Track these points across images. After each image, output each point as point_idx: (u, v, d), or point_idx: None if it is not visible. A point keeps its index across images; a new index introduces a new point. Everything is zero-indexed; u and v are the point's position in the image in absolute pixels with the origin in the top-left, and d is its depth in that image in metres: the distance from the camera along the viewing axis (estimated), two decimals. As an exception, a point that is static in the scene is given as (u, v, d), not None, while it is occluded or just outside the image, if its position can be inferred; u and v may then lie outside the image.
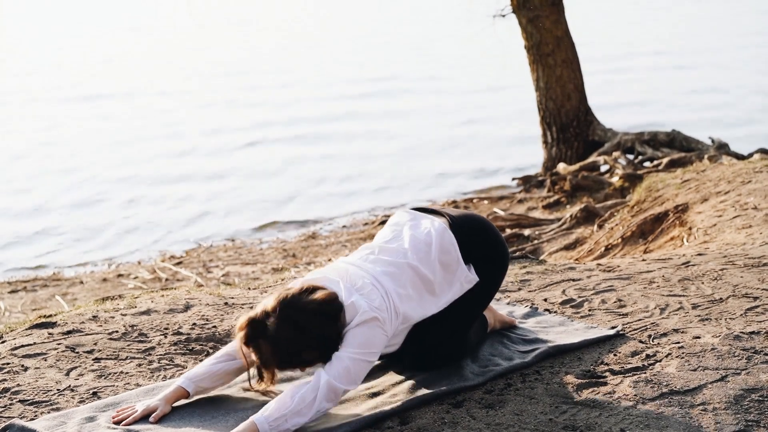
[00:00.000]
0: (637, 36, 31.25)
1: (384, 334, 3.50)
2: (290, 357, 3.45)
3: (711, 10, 38.92)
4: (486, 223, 3.98)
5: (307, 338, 3.41)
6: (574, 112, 13.31)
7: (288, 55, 30.33)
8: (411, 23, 38.92)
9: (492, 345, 4.12)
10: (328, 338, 3.44)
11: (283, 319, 3.39)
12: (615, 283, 5.04)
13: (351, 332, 3.44)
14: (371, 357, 3.47)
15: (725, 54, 26.39)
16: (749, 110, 18.59)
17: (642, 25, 34.59)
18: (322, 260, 10.70)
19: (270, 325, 3.40)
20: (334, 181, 14.86)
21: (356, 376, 3.45)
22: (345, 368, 3.40)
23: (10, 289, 10.38)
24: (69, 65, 29.46)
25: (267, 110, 21.10)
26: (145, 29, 39.60)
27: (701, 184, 8.57)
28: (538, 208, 12.02)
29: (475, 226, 3.89)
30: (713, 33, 31.58)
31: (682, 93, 20.93)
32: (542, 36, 13.10)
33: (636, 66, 24.91)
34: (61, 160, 16.96)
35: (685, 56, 26.34)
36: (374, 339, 3.46)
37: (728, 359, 3.85)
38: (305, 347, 3.42)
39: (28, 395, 3.88)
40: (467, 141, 17.15)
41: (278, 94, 23.32)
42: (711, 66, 24.49)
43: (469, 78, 24.34)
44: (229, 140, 17.83)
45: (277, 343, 3.40)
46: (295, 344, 3.41)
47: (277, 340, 3.40)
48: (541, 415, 3.47)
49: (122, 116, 20.77)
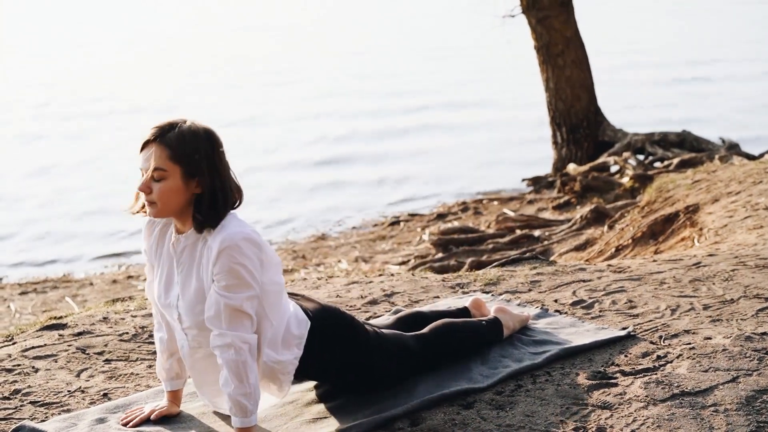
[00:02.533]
0: (646, 36, 31.19)
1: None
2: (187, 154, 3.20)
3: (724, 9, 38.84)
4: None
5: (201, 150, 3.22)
6: (583, 112, 13.29)
7: (291, 58, 30.34)
8: (415, 25, 38.89)
9: (502, 347, 4.11)
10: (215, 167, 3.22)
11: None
12: (626, 284, 5.03)
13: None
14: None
15: (736, 54, 26.31)
16: (760, 110, 18.53)
17: (652, 24, 34.52)
18: (331, 261, 10.70)
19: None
20: (346, 181, 14.86)
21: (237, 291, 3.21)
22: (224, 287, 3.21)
23: (21, 290, 10.41)
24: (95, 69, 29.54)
25: (270, 109, 21.11)
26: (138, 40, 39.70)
27: (712, 184, 8.54)
28: (548, 208, 12.00)
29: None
30: (726, 32, 31.50)
31: (693, 94, 20.87)
32: (552, 36, 13.09)
33: (647, 66, 24.87)
34: (69, 162, 17.01)
35: (694, 56, 26.28)
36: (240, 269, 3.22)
37: (740, 360, 3.84)
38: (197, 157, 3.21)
39: (38, 397, 3.89)
40: (477, 142, 17.13)
41: (280, 94, 23.35)
42: (722, 66, 24.42)
43: (476, 77, 24.32)
44: (236, 143, 17.86)
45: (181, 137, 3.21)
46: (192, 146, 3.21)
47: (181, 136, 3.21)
48: (552, 417, 3.46)
49: (135, 123, 20.82)
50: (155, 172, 3.20)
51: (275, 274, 3.36)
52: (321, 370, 3.53)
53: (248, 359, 3.24)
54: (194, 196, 3.25)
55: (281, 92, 23.68)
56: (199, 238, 3.30)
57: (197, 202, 3.24)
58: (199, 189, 3.24)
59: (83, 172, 16.24)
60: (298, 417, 3.57)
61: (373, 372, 3.61)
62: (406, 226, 12.06)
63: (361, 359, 3.57)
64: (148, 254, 3.48)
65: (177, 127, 3.23)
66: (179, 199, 3.23)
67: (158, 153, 3.20)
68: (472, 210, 12.44)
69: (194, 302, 3.30)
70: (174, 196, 3.22)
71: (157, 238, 3.45)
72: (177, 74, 27.41)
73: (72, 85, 26.21)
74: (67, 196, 14.74)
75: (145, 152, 3.24)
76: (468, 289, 5.14)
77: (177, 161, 3.20)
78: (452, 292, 5.10)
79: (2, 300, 10.05)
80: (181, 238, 3.35)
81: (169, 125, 3.24)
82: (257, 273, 3.25)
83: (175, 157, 3.19)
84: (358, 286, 5.33)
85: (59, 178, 15.99)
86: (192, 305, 3.31)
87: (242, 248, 3.20)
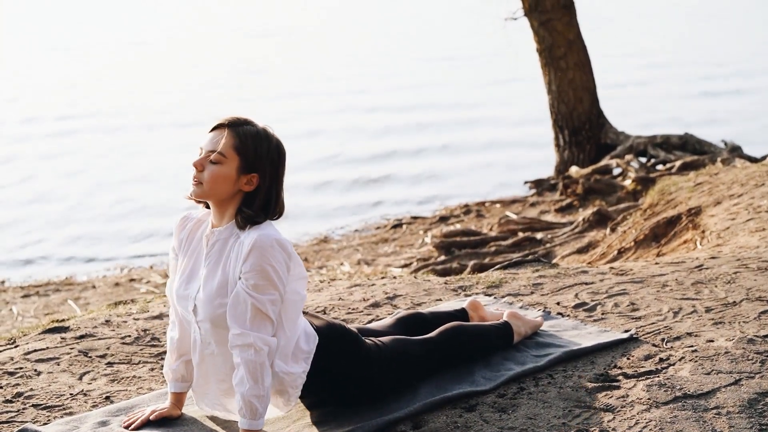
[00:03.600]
0: (651, 38, 31.20)
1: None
2: (252, 155, 3.31)
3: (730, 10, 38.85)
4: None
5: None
6: (586, 115, 13.29)
7: (292, 60, 30.36)
8: (416, 27, 38.91)
9: (504, 349, 4.11)
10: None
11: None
12: (628, 286, 5.02)
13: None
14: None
15: (742, 56, 26.31)
16: (764, 112, 18.53)
17: (657, 25, 34.53)
18: (334, 264, 10.70)
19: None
20: (346, 184, 14.87)
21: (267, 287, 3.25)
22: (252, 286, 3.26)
23: (23, 293, 10.41)
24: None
25: (270, 109, 21.12)
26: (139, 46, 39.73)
27: (714, 187, 8.54)
28: (550, 211, 12.00)
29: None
30: (732, 35, 31.50)
31: (695, 96, 20.87)
32: (554, 39, 13.09)
33: (649, 68, 24.87)
34: (73, 166, 17.03)
35: (699, 59, 26.28)
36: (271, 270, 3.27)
37: (742, 363, 3.84)
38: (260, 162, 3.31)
39: (41, 400, 3.89)
40: (478, 144, 17.13)
41: (286, 94, 23.35)
42: (726, 68, 24.42)
43: (478, 80, 24.33)
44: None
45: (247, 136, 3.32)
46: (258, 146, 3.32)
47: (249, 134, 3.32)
48: (555, 419, 3.46)
49: (135, 128, 20.83)
50: (215, 155, 3.28)
51: (300, 287, 3.40)
52: (325, 384, 3.54)
53: (266, 361, 3.26)
54: (241, 193, 3.33)
55: (280, 94, 23.68)
56: (233, 234, 3.34)
57: (248, 198, 3.32)
58: (250, 187, 3.32)
59: (85, 174, 16.25)
60: (300, 419, 3.57)
61: (374, 384, 3.62)
62: (408, 229, 12.06)
63: (365, 374, 3.58)
64: (176, 249, 3.52)
65: (253, 125, 3.35)
66: (226, 188, 3.30)
67: (227, 139, 3.29)
68: (474, 213, 12.44)
69: (215, 295, 3.32)
70: (222, 183, 3.29)
71: (188, 232, 3.50)
72: (185, 76, 27.43)
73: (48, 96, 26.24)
74: (70, 198, 14.75)
75: (214, 135, 3.33)
76: (470, 291, 5.14)
77: (240, 153, 3.29)
78: (454, 294, 5.10)
79: (4, 303, 10.06)
80: (215, 231, 3.39)
81: (246, 120, 3.35)
82: (284, 278, 3.29)
83: (239, 149, 3.29)
84: (360, 288, 5.33)
85: (62, 179, 16.01)
86: (212, 298, 3.32)
87: (274, 250, 3.25)
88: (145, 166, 16.51)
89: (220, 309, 3.31)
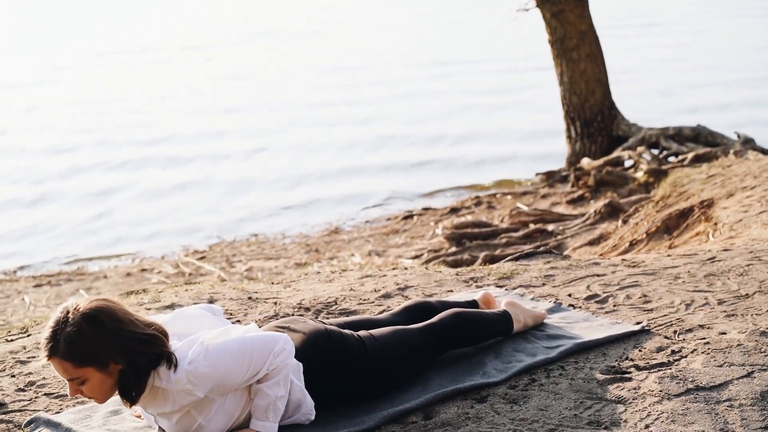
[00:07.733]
0: (661, 27, 31.09)
1: None
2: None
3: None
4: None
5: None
6: (598, 106, 13.26)
7: (295, 60, 30.37)
8: (426, 15, 38.85)
9: (515, 341, 4.10)
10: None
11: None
12: (640, 278, 5.01)
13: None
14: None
15: (753, 47, 26.21)
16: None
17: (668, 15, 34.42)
18: (345, 255, 10.71)
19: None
20: (357, 174, 14.87)
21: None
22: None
23: (35, 283, 10.45)
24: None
25: (272, 110, 21.14)
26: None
27: (727, 179, 8.51)
28: (561, 203, 11.98)
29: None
30: (743, 25, 31.37)
31: (707, 86, 20.79)
32: (566, 30, 13.05)
33: (661, 59, 24.79)
34: (82, 155, 17.08)
35: (711, 50, 26.18)
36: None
37: (754, 355, 3.83)
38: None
39: (53, 388, 3.90)
40: (490, 135, 17.11)
41: (291, 91, 23.37)
42: (738, 59, 24.33)
43: (491, 70, 24.29)
44: (250, 142, 17.86)
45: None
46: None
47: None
48: (566, 411, 3.46)
49: (154, 116, 20.86)
50: (73, 382, 3.21)
51: (244, 375, 3.29)
52: (331, 394, 3.56)
53: (290, 372, 3.34)
54: (119, 373, 3.22)
55: (288, 90, 23.69)
56: (156, 395, 3.27)
57: (121, 377, 3.21)
58: (116, 372, 3.20)
59: (96, 165, 16.29)
60: (311, 410, 3.58)
61: (375, 375, 3.62)
62: (419, 220, 12.05)
63: (362, 373, 3.59)
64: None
65: (62, 335, 3.15)
66: (110, 386, 3.23)
67: (62, 367, 3.17)
68: (485, 204, 12.43)
69: (186, 426, 3.33)
70: (103, 387, 3.22)
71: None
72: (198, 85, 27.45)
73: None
74: (81, 188, 14.79)
75: (54, 366, 3.21)
76: (482, 283, 5.13)
77: (83, 365, 3.16)
78: (466, 285, 5.09)
79: (17, 293, 10.10)
80: (142, 402, 3.33)
81: (53, 335, 3.17)
82: (223, 382, 3.25)
83: (79, 364, 3.16)
84: (371, 279, 5.33)
85: (74, 169, 16.05)
86: (183, 428, 3.34)
87: (193, 383, 3.20)
88: (161, 162, 16.54)
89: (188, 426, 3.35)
